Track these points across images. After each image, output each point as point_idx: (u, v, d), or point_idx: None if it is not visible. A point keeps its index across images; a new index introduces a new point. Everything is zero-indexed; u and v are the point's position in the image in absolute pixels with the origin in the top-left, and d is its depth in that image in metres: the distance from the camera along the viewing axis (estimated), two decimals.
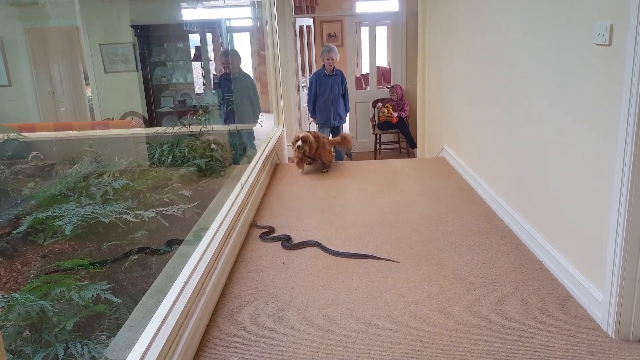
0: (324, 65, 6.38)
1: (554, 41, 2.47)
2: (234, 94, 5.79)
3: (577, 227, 2.32)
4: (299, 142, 4.52)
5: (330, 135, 6.72)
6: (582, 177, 2.24)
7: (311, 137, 4.60)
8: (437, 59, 5.25)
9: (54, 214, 2.84)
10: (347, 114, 6.83)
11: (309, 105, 6.59)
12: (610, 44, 1.97)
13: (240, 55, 6.05)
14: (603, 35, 2.00)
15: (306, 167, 4.79)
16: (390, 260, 2.75)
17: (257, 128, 5.86)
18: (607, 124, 2.01)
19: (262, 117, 6.00)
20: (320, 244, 2.96)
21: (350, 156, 4.38)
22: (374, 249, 2.90)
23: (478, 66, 3.79)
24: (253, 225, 3.31)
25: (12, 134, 4.37)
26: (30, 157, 4.33)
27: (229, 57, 5.91)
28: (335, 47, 6.39)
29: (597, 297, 2.12)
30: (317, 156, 4.72)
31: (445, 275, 2.55)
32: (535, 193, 2.78)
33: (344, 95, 6.55)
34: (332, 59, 6.28)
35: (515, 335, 2.04)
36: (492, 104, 3.47)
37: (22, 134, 4.48)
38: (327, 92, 6.35)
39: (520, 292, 2.36)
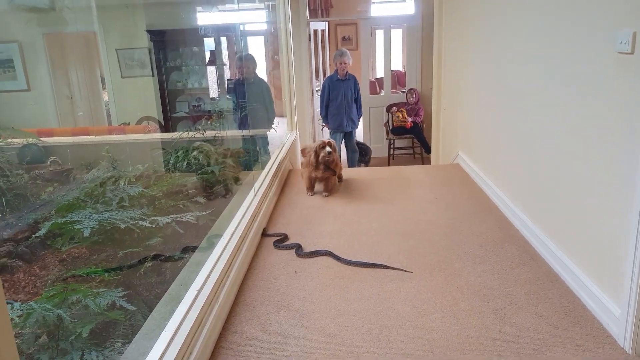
0: (336, 70, 6.36)
1: (573, 48, 2.44)
2: (250, 98, 5.82)
3: (594, 238, 2.29)
4: (328, 148, 4.00)
5: (343, 141, 6.71)
6: (601, 188, 2.21)
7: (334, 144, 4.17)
8: (453, 64, 5.23)
9: (72, 219, 2.88)
10: (360, 119, 6.81)
11: (321, 110, 6.59)
12: (632, 52, 1.94)
13: (256, 60, 6.08)
14: (625, 43, 1.97)
15: (316, 186, 4.27)
16: (403, 270, 2.74)
17: (271, 133, 5.88)
18: (627, 134, 1.99)
19: (277, 122, 6.01)
20: (332, 253, 2.96)
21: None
22: (386, 258, 2.89)
23: (494, 72, 3.77)
24: (263, 234, 3.30)
25: (31, 139, 4.43)
26: (48, 162, 4.39)
27: (244, 61, 5.94)
28: (347, 51, 6.37)
29: (614, 311, 2.09)
30: (335, 167, 4.20)
31: (459, 287, 2.54)
32: (552, 203, 2.75)
33: (357, 100, 6.52)
34: (345, 63, 6.26)
35: (529, 349, 2.02)
36: (509, 110, 3.45)
37: (41, 138, 4.55)
38: (340, 97, 6.33)
39: (535, 305, 2.34)
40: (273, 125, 5.91)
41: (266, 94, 5.88)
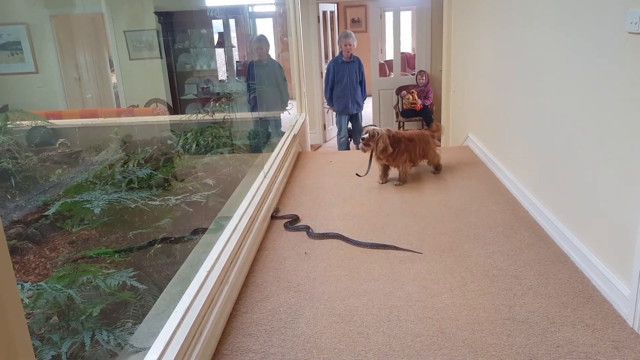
0: (341, 52, 6.31)
1: (584, 28, 2.40)
2: (263, 80, 5.82)
3: (604, 219, 2.27)
4: (366, 134, 3.65)
5: (349, 123, 6.66)
6: (611, 169, 2.19)
7: (383, 134, 3.65)
8: (463, 46, 5.17)
9: (82, 200, 2.90)
10: (364, 102, 6.77)
11: (325, 92, 6.54)
12: None
13: (269, 42, 6.05)
14: (636, 23, 1.94)
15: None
16: (413, 251, 2.73)
17: (284, 115, 5.86)
18: (638, 114, 1.96)
19: (291, 104, 5.99)
20: (341, 235, 2.95)
21: (438, 169, 4.03)
22: (396, 239, 2.89)
23: (504, 53, 3.72)
24: (273, 216, 3.30)
25: (39, 121, 4.45)
26: (57, 144, 4.41)
27: (260, 42, 5.91)
28: (352, 33, 6.31)
29: (624, 291, 2.08)
30: (391, 163, 3.82)
31: (468, 267, 2.53)
32: (561, 184, 2.73)
33: (361, 83, 6.47)
34: (350, 45, 6.19)
35: (539, 329, 2.02)
36: (518, 92, 3.41)
37: (50, 121, 4.56)
38: (345, 79, 6.28)
39: (545, 285, 2.33)
40: (287, 108, 5.89)
41: (280, 75, 5.86)
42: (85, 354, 1.84)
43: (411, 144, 3.81)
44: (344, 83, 6.27)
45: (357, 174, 3.86)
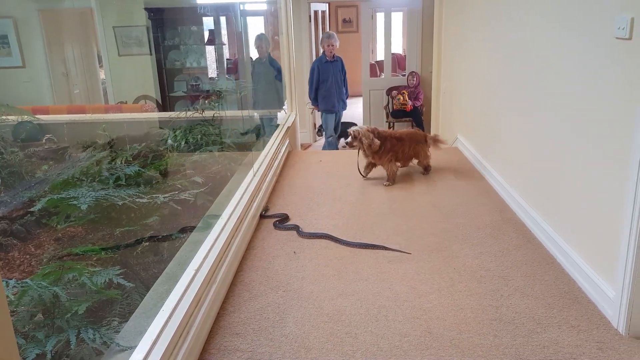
0: (324, 52, 6.41)
1: (574, 32, 2.42)
2: (261, 78, 5.95)
3: (590, 222, 2.29)
4: (348, 137, 3.80)
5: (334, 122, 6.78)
6: (598, 172, 2.21)
7: (365, 132, 3.75)
8: (453, 48, 5.18)
9: (69, 196, 2.86)
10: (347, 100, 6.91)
11: (310, 92, 6.57)
12: (630, 38, 1.93)
13: (269, 40, 6.14)
14: (623, 29, 1.96)
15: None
16: (402, 251, 2.74)
17: (281, 114, 5.90)
18: (624, 118, 1.98)
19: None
20: (330, 235, 2.94)
21: (427, 170, 4.12)
22: (385, 239, 2.89)
23: (493, 56, 3.74)
24: (262, 215, 3.29)
25: (26, 116, 4.39)
26: (44, 140, 4.36)
27: (260, 41, 6.07)
28: (334, 33, 6.48)
29: (609, 293, 2.10)
30: (377, 161, 3.91)
31: (456, 268, 2.54)
32: (549, 187, 2.75)
33: (344, 82, 6.60)
34: (333, 45, 6.34)
35: (525, 330, 2.03)
36: (508, 95, 3.43)
37: (36, 116, 4.50)
38: (330, 79, 6.40)
39: (531, 287, 2.35)
40: (284, 107, 5.94)
41: (279, 73, 5.96)
42: (71, 352, 1.82)
43: (399, 144, 3.85)
44: (329, 82, 6.38)
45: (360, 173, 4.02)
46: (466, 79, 4.65)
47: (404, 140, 3.87)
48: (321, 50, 6.51)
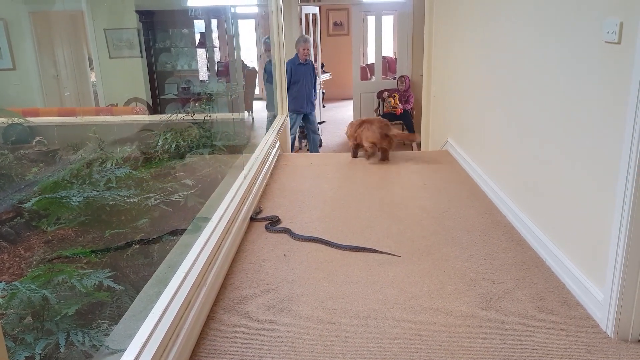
0: (297, 54, 6.58)
1: (563, 36, 2.44)
2: (311, 80, 6.40)
3: (579, 225, 2.32)
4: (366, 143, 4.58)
5: (301, 122, 6.98)
6: (587, 176, 2.23)
7: (353, 123, 4.73)
8: (444, 51, 5.21)
9: (60, 196, 2.85)
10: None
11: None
12: (619, 42, 1.95)
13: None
14: (612, 32, 1.98)
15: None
16: (392, 254, 2.75)
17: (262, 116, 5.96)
18: (614, 122, 2.00)
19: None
20: (321, 239, 2.95)
21: (384, 156, 4.61)
22: (375, 242, 2.90)
23: (482, 60, 3.77)
24: (252, 218, 3.28)
25: (16, 119, 4.36)
26: (34, 142, 4.33)
27: (267, 44, 6.38)
28: (310, 38, 6.68)
29: (598, 296, 2.12)
30: (360, 142, 4.66)
31: (446, 271, 2.55)
32: (539, 190, 2.77)
33: (315, 85, 6.81)
34: (307, 49, 6.65)
35: (514, 333, 2.05)
36: (498, 98, 3.45)
37: (26, 118, 4.48)
38: (302, 81, 6.66)
39: (521, 290, 2.37)
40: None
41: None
42: (60, 355, 1.81)
43: (371, 126, 4.51)
44: (300, 84, 6.62)
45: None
46: (456, 83, 4.68)
47: (374, 124, 4.54)
48: (304, 52, 6.66)
